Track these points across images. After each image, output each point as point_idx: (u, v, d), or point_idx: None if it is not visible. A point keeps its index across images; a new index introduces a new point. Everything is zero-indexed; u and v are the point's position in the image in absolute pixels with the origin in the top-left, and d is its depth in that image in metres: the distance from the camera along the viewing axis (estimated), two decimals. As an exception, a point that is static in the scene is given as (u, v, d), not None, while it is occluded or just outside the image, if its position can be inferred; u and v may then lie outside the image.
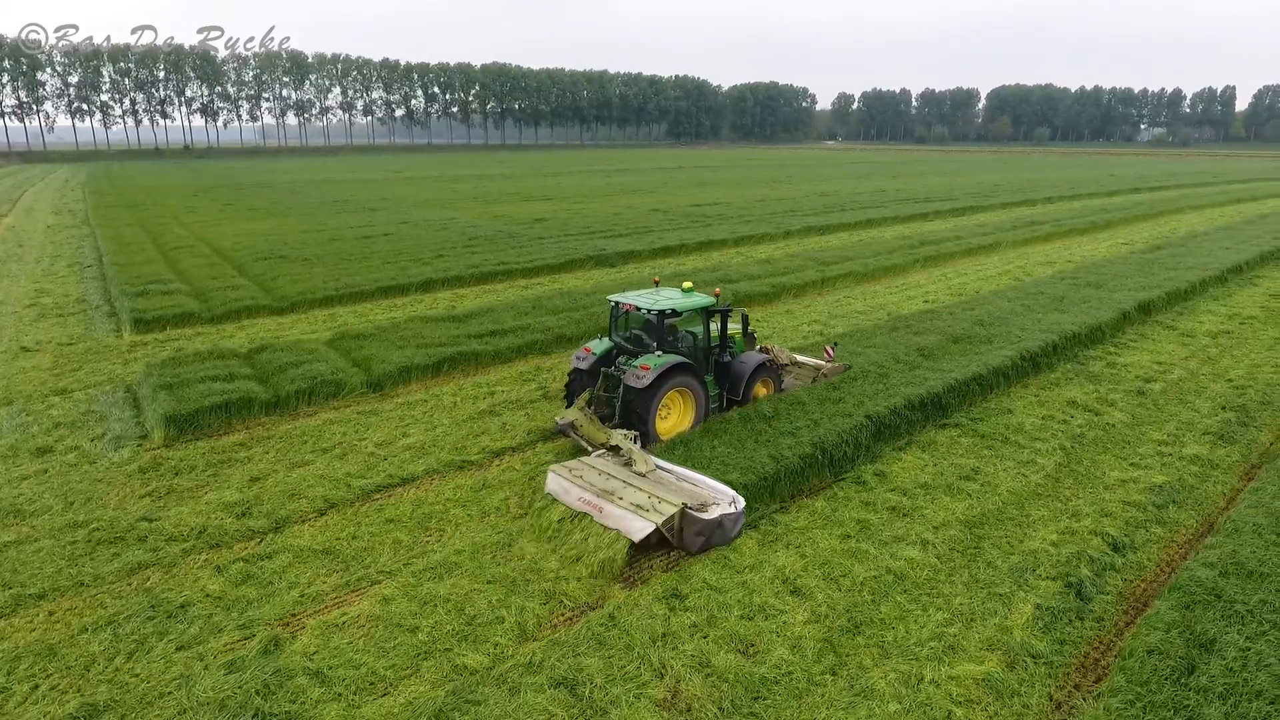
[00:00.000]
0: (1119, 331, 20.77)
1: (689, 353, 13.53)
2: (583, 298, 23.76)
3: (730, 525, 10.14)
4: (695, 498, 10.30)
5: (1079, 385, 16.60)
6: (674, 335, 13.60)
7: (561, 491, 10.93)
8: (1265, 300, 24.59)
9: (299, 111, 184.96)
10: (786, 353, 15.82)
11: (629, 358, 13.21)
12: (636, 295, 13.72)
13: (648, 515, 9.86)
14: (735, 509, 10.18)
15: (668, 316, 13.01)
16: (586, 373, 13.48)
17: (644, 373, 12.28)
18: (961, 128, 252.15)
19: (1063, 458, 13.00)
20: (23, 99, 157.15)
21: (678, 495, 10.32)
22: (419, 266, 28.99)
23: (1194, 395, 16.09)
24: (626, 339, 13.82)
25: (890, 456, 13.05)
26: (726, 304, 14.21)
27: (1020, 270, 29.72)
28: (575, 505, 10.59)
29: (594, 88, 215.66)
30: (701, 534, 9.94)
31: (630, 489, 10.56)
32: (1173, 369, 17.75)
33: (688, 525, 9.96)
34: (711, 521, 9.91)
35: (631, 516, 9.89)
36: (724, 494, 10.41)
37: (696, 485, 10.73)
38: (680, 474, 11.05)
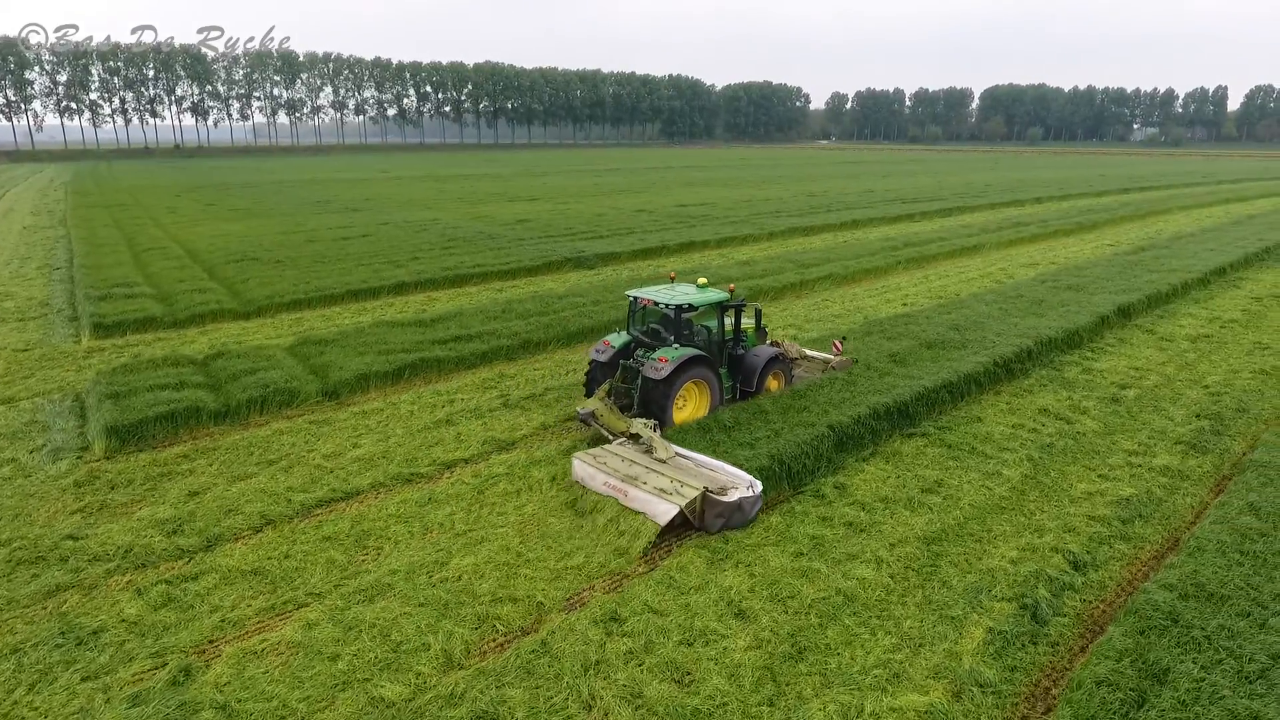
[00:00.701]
0: (1097, 336, 20.44)
1: (704, 346, 14.08)
2: (555, 301, 23.35)
3: (749, 507, 10.70)
4: (715, 482, 10.88)
5: (1052, 392, 16.25)
6: (690, 329, 14.03)
7: (587, 477, 11.51)
8: (1246, 303, 24.29)
9: (290, 111, 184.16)
10: (797, 347, 16.47)
11: (647, 350, 13.80)
12: (654, 290, 14.26)
13: (671, 498, 10.41)
14: (753, 492, 10.73)
15: (685, 311, 13.50)
16: (605, 365, 14.03)
17: (662, 365, 12.85)
18: (955, 127, 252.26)
19: (1029, 469, 12.64)
20: (10, 98, 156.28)
21: (698, 480, 10.88)
22: (393, 269, 28.55)
23: (1169, 402, 15.75)
24: (644, 332, 14.36)
25: (853, 468, 12.68)
26: (740, 299, 14.74)
27: (1002, 272, 29.39)
28: (601, 490, 11.18)
29: (587, 87, 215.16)
30: (722, 515, 10.48)
31: (653, 474, 11.12)
32: (1149, 375, 17.42)
33: (709, 508, 10.50)
34: (731, 504, 10.46)
35: (656, 500, 10.47)
36: (742, 478, 10.97)
37: (715, 470, 11.28)
38: (698, 460, 11.59)
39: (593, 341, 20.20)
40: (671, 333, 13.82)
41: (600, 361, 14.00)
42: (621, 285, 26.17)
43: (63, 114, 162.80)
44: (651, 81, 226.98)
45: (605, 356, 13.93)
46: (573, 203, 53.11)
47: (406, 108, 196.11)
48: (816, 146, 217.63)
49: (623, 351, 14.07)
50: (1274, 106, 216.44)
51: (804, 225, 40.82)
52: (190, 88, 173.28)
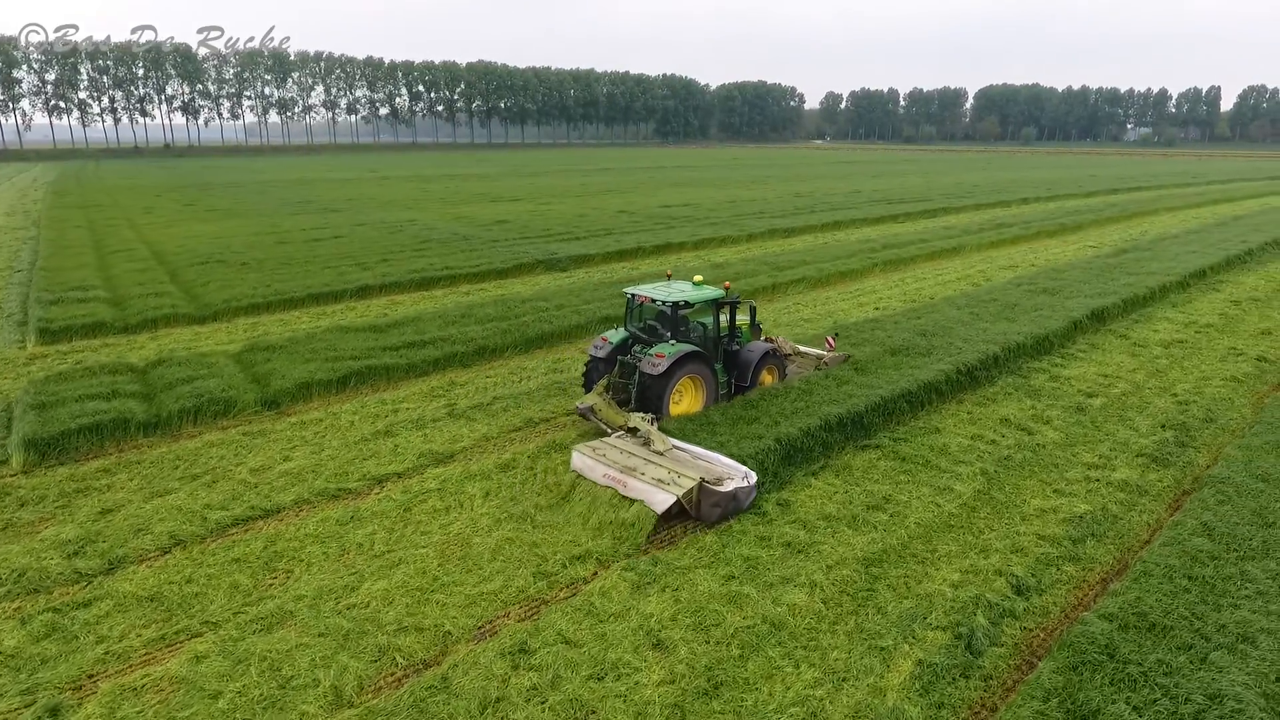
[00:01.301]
0: (1069, 341, 19.97)
1: (700, 342, 14.36)
2: (519, 305, 22.83)
3: (744, 497, 11.00)
4: (711, 473, 11.11)
5: (1017, 401, 15.78)
6: (686, 325, 14.32)
7: (586, 469, 11.80)
8: (1225, 307, 23.85)
9: (281, 110, 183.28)
10: (790, 344, 16.74)
11: (644, 346, 14.07)
12: (651, 288, 14.56)
13: (669, 488, 10.68)
14: (748, 483, 11.03)
15: (681, 308, 13.80)
16: (603, 361, 14.30)
17: (659, 360, 13.18)
18: (949, 127, 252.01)
19: (983, 484, 12.15)
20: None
21: (695, 470, 11.13)
22: (359, 271, 28.00)
23: (1135, 411, 15.29)
24: (641, 329, 14.64)
25: (799, 483, 12.18)
26: (735, 296, 14.94)
27: (980, 275, 28.93)
28: (600, 481, 11.46)
29: (581, 87, 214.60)
30: (718, 505, 10.74)
31: (651, 465, 11.41)
32: (1118, 382, 16.95)
33: (705, 498, 10.72)
34: (727, 494, 10.72)
35: (654, 490, 10.75)
36: (737, 470, 11.24)
37: (711, 462, 11.52)
38: (695, 452, 11.83)
39: (551, 348, 19.74)
40: (668, 329, 14.08)
41: (599, 357, 14.28)
42: (590, 289, 25.67)
43: (51, 113, 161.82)
44: (646, 81, 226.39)
45: (603, 352, 14.21)
46: (555, 203, 52.58)
47: (399, 107, 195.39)
48: (810, 146, 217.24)
49: (620, 348, 14.33)
50: (1266, 107, 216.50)
51: (785, 226, 40.33)
52: (181, 87, 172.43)
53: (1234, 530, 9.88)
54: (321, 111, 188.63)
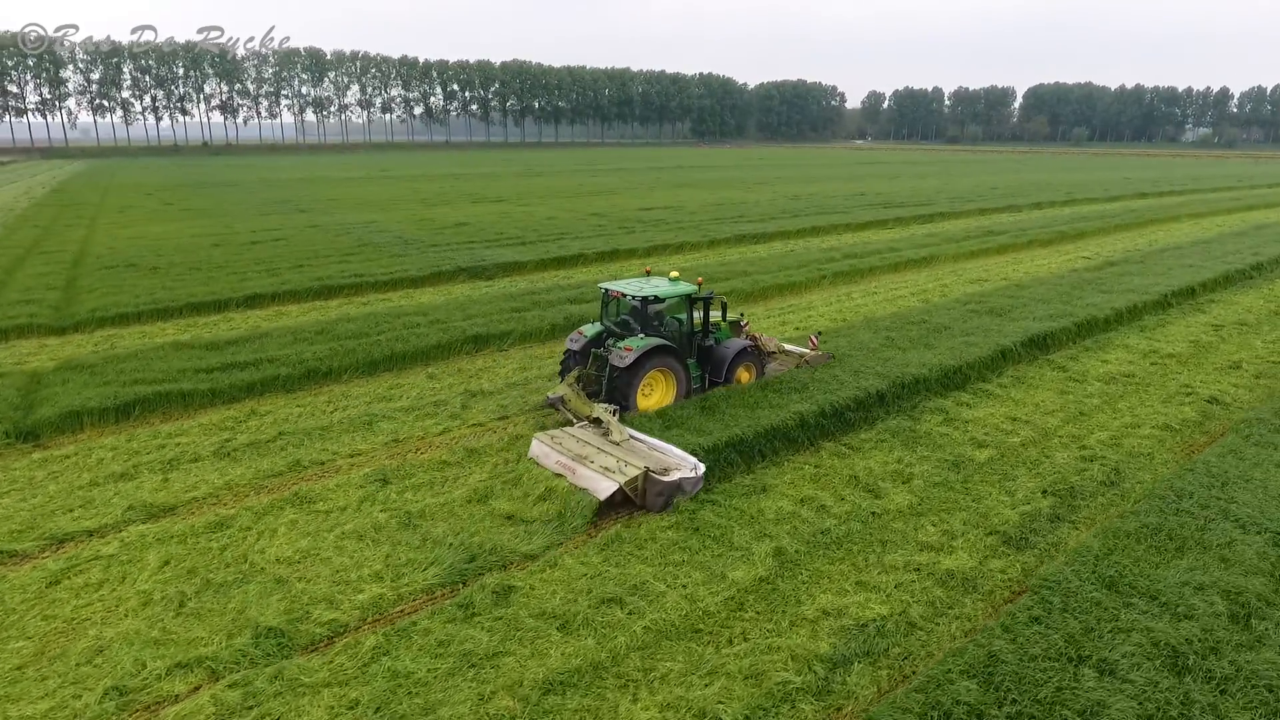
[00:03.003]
0: (992, 373, 17.21)
1: (674, 337, 14.54)
2: (393, 320, 20.86)
3: (689, 487, 11.19)
4: (659, 463, 11.36)
5: (886, 451, 13.21)
6: (660, 320, 14.68)
7: (542, 456, 12.10)
8: (1201, 332, 20.71)
9: (317, 109, 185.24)
10: (775, 341, 16.59)
11: (617, 340, 14.15)
12: (625, 283, 14.74)
13: (613, 476, 10.90)
14: (695, 474, 11.28)
15: (650, 302, 14.04)
16: (578, 353, 14.62)
17: (627, 354, 13.38)
18: (996, 127, 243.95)
19: (772, 569, 9.71)
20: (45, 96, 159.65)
21: (643, 460, 11.33)
22: (267, 278, 26.36)
23: (1025, 468, 12.62)
24: (616, 323, 14.76)
25: (547, 559, 9.91)
26: (709, 292, 14.88)
27: (938, 290, 26.06)
28: (553, 468, 11.76)
29: (615, 85, 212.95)
30: (662, 494, 10.90)
31: (603, 455, 11.62)
32: (1024, 428, 14.24)
33: (650, 486, 10.94)
34: (672, 483, 10.94)
35: (599, 478, 10.98)
36: (687, 461, 11.48)
37: (664, 453, 11.74)
38: (651, 443, 12.04)
39: (401, 370, 17.76)
40: (639, 323, 14.19)
41: (574, 350, 14.63)
42: (497, 299, 23.61)
43: (95, 112, 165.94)
44: (682, 80, 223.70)
45: (578, 345, 14.60)
46: (535, 204, 50.67)
47: (433, 106, 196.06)
48: (850, 147, 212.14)
49: (595, 341, 14.68)
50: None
51: (757, 232, 37.72)
52: (219, 86, 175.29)
53: (1023, 671, 7.30)
54: (357, 110, 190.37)
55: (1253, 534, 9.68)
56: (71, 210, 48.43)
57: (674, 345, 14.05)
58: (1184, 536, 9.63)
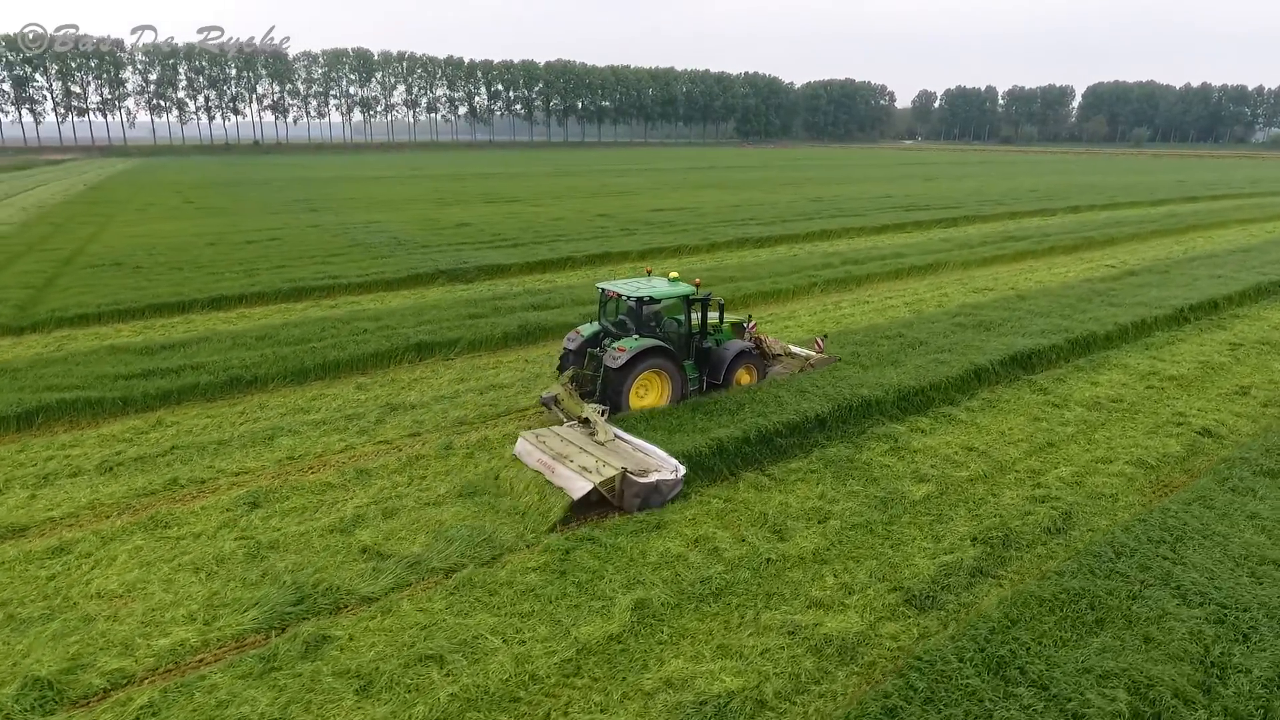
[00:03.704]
0: (964, 394, 15.70)
1: (672, 338, 14.35)
2: (354, 323, 20.17)
3: (666, 490, 11.04)
4: (639, 464, 11.24)
5: (813, 483, 11.91)
6: (657, 321, 14.55)
7: (525, 454, 11.96)
8: (1215, 351, 18.79)
9: (364, 109, 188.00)
10: (781, 344, 16.31)
11: (613, 340, 14.02)
12: (623, 283, 14.64)
13: (589, 476, 10.78)
14: (674, 477, 11.12)
15: (645, 303, 13.95)
16: (575, 353, 14.53)
17: (620, 354, 13.24)
18: (1053, 127, 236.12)
19: (627, 624, 8.55)
20: (106, 96, 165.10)
21: (622, 461, 11.19)
22: (243, 279, 25.99)
23: (963, 508, 11.21)
24: (614, 323, 14.66)
25: (384, 604, 8.92)
26: (707, 293, 14.66)
27: (935, 299, 24.40)
28: (534, 466, 11.62)
29: (659, 85, 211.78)
30: (638, 495, 10.80)
31: (584, 454, 11.49)
32: (977, 460, 12.78)
33: (627, 488, 10.81)
34: (648, 485, 10.83)
35: (576, 477, 10.85)
36: (668, 463, 11.34)
37: (647, 454, 11.62)
38: (636, 444, 11.93)
39: (331, 379, 17.03)
40: (634, 324, 14.09)
41: (570, 350, 14.54)
42: (464, 304, 22.79)
43: (153, 111, 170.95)
44: (726, 80, 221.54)
45: (575, 345, 14.49)
46: (548, 204, 49.91)
47: (478, 106, 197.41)
48: (898, 147, 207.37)
49: (592, 340, 14.55)
50: None
51: (763, 235, 36.29)
52: (271, 86, 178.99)
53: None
54: (402, 110, 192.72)
55: (1192, 606, 8.19)
56: (95, 208, 49.26)
57: (669, 346, 13.86)
58: (1108, 606, 8.19)
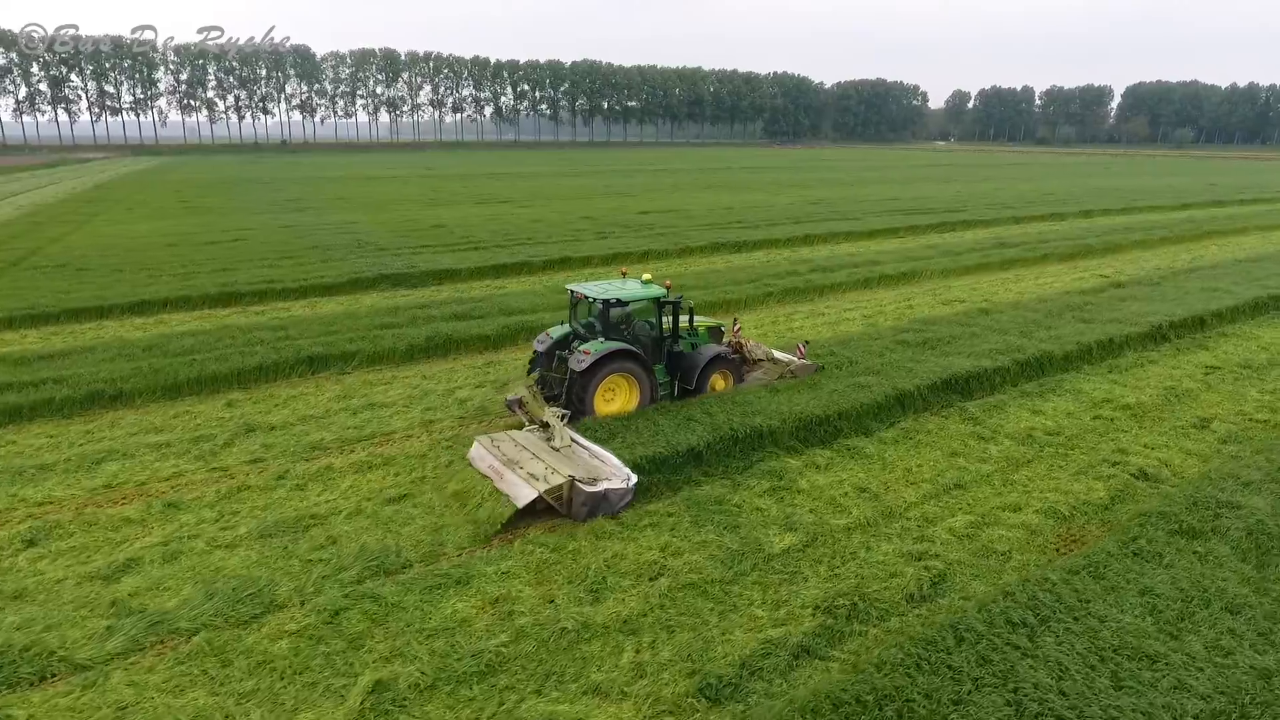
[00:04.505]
0: (882, 423, 14.07)
1: (643, 341, 13.96)
2: (256, 332, 19.09)
3: (616, 499, 10.61)
4: (590, 472, 10.86)
5: (664, 530, 10.42)
6: (626, 323, 14.06)
7: (477, 458, 11.68)
8: (1188, 375, 16.87)
9: (391, 109, 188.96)
10: (764, 349, 15.93)
11: (582, 342, 13.63)
12: (593, 285, 14.28)
13: (535, 484, 10.44)
14: (625, 486, 10.71)
15: (612, 305, 13.50)
16: (544, 355, 14.14)
17: (584, 357, 12.87)
18: (1091, 128, 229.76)
19: (355, 711, 7.19)
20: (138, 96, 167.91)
21: (573, 468, 10.81)
22: (178, 282, 25.15)
23: (822, 566, 9.66)
24: (584, 325, 14.23)
25: (89, 678, 7.67)
26: (677, 296, 14.31)
27: (897, 311, 22.65)
28: (484, 471, 11.33)
29: (686, 85, 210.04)
30: (586, 504, 10.43)
31: (535, 461, 11.11)
32: (866, 504, 11.18)
33: (576, 496, 10.45)
34: (597, 494, 10.45)
35: (522, 484, 10.52)
36: (621, 472, 10.91)
37: (604, 462, 11.23)
38: (593, 451, 11.54)
39: (203, 396, 15.85)
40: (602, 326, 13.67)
41: (540, 351, 14.20)
42: (377, 313, 21.57)
43: (183, 111, 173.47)
44: (755, 79, 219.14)
45: (544, 347, 14.16)
46: (536, 205, 48.77)
47: (503, 106, 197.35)
48: (929, 148, 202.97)
49: (561, 343, 14.17)
50: None
51: (742, 240, 34.68)
52: (299, 86, 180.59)
53: None
54: (428, 110, 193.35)
55: (1024, 719, 6.59)
56: (86, 206, 49.18)
57: (637, 350, 13.40)
58: (918, 717, 6.62)
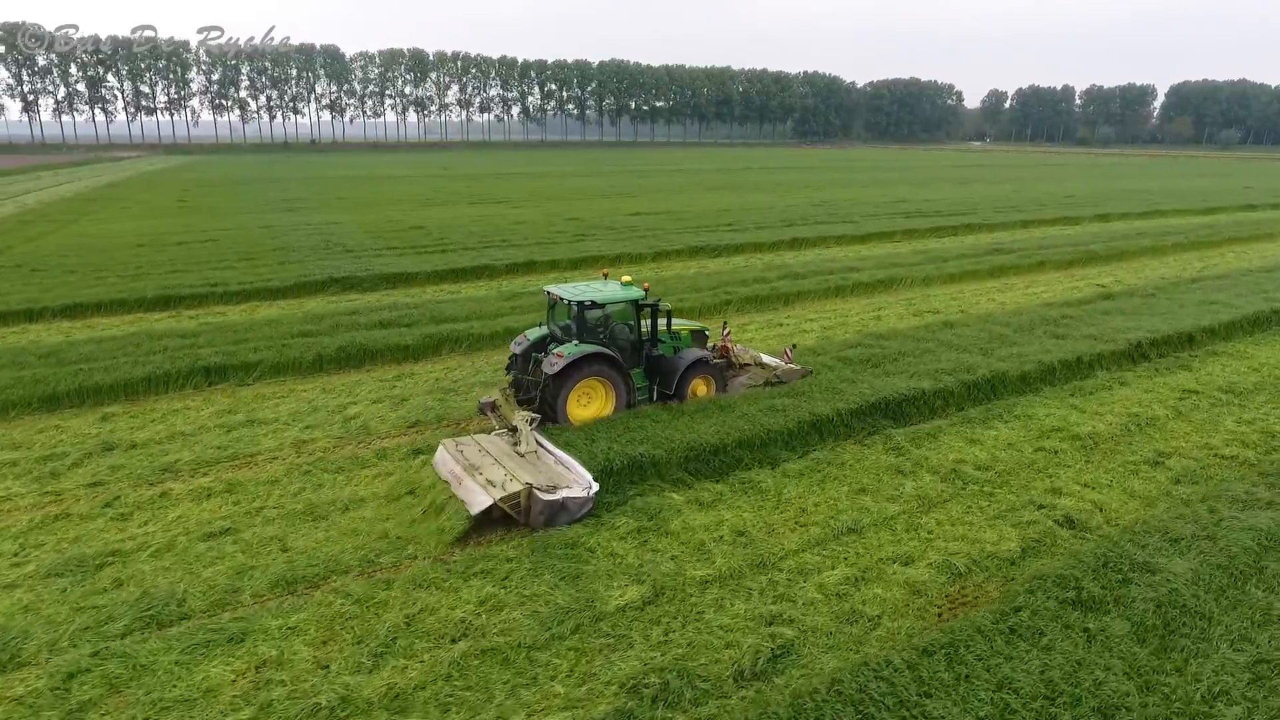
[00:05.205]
0: (793, 451, 12.64)
1: (622, 345, 13.56)
2: (162, 339, 18.22)
3: (574, 508, 10.32)
4: (551, 479, 10.55)
5: (495, 578, 9.17)
6: (604, 326, 13.58)
7: (440, 463, 11.38)
8: (1156, 401, 15.13)
9: (419, 108, 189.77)
10: (752, 353, 15.63)
11: (558, 345, 13.32)
12: (571, 287, 13.85)
13: (491, 491, 10.12)
14: (585, 494, 10.41)
15: (587, 308, 13.09)
16: (521, 357, 13.78)
17: (557, 360, 12.54)
18: (1132, 128, 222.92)
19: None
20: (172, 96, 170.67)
21: (533, 475, 10.51)
22: (124, 284, 24.50)
23: (656, 628, 8.33)
24: (562, 328, 13.88)
25: None
26: (656, 299, 14.03)
27: (861, 323, 21.11)
28: (445, 476, 11.00)
29: (714, 85, 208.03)
30: (543, 513, 10.13)
31: (495, 467, 10.82)
32: (738, 551, 9.82)
33: (533, 504, 10.14)
34: (554, 502, 10.16)
35: (479, 491, 10.21)
36: (583, 480, 10.62)
37: (568, 468, 10.94)
38: (560, 457, 11.26)
39: (81, 408, 14.99)
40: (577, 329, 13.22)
41: (517, 354, 13.85)
42: (304, 319, 20.58)
43: (216, 111, 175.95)
44: (784, 79, 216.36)
45: (521, 349, 13.82)
46: (529, 206, 47.75)
47: (530, 106, 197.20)
48: (962, 148, 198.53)
49: (538, 345, 13.84)
50: None
51: (724, 244, 33.20)
52: (329, 86, 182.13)
53: None
54: (456, 110, 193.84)
55: None
56: (83, 205, 49.30)
57: (613, 353, 12.99)
58: None
